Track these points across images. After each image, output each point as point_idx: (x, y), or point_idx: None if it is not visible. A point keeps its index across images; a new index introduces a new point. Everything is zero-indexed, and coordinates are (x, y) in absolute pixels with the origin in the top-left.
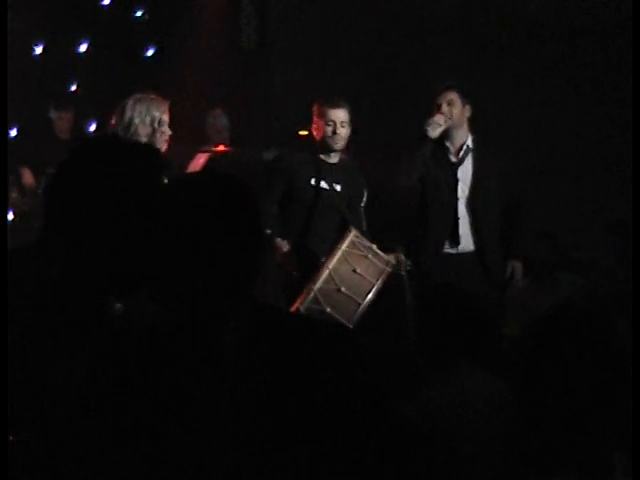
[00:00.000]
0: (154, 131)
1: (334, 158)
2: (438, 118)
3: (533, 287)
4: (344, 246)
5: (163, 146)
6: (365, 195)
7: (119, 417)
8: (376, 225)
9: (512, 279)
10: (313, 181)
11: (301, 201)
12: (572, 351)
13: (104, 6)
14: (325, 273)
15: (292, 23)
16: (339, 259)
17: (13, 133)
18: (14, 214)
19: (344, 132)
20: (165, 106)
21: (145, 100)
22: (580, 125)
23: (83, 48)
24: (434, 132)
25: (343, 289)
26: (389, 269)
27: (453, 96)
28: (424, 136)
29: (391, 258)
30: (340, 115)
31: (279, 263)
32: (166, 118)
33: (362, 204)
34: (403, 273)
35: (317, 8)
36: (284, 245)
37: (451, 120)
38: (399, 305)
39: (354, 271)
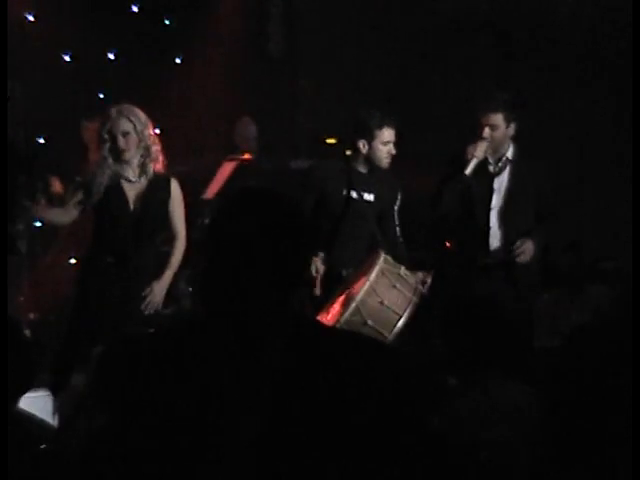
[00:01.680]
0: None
1: (366, 167)
2: (478, 152)
3: (562, 298)
4: (372, 277)
5: (155, 164)
6: (399, 198)
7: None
8: (409, 230)
9: (520, 252)
10: (344, 191)
11: (331, 211)
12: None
13: (132, 14)
14: (352, 306)
15: (320, 31)
16: (367, 291)
17: (41, 141)
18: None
19: (394, 150)
20: (145, 118)
21: (126, 112)
22: (608, 136)
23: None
24: (470, 170)
25: (370, 322)
26: (416, 299)
27: (497, 119)
28: (459, 170)
29: (419, 279)
30: (393, 134)
31: (312, 278)
32: (149, 131)
33: (396, 207)
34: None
35: (345, 16)
36: (317, 263)
37: (492, 143)
38: (427, 316)
39: (381, 303)
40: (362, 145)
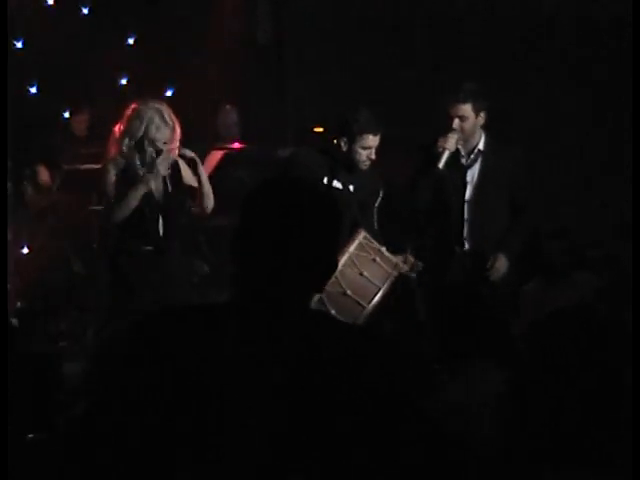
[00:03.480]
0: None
1: (346, 162)
2: (448, 143)
3: (548, 286)
4: (352, 248)
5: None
6: (380, 195)
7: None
8: (388, 225)
9: (493, 271)
10: (326, 180)
11: None
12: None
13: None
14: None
15: (308, 19)
16: (346, 262)
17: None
18: (30, 211)
19: (373, 155)
20: (173, 129)
21: (154, 122)
22: (597, 123)
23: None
24: (442, 163)
25: (349, 292)
26: (396, 273)
27: (466, 110)
28: (431, 163)
29: (399, 260)
30: (377, 140)
31: None
32: (169, 141)
33: (376, 204)
34: (412, 275)
35: (333, 4)
36: None
37: (461, 134)
38: (409, 306)
39: (361, 274)
40: (343, 143)
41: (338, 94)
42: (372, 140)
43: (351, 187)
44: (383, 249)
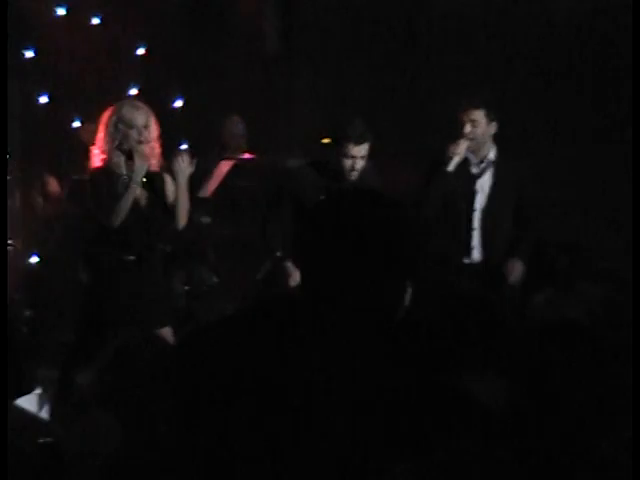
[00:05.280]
0: (139, 142)
1: None
2: (459, 149)
3: (554, 298)
4: None
5: (152, 161)
6: None
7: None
8: None
9: (510, 279)
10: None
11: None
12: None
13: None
14: None
15: (315, 30)
16: None
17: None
18: (39, 220)
19: (361, 165)
20: (148, 114)
21: (128, 108)
22: (603, 135)
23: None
24: (452, 166)
25: None
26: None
27: (478, 115)
28: (441, 167)
29: None
30: (362, 151)
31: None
32: (149, 130)
33: None
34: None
35: (340, 16)
36: (294, 273)
37: (473, 141)
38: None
39: None
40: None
41: (346, 105)
42: (354, 150)
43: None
44: None
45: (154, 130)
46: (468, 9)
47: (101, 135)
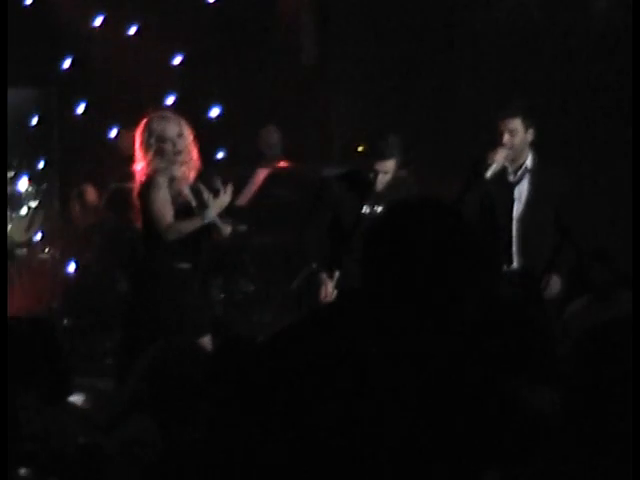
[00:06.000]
0: (175, 153)
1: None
2: (497, 157)
3: (591, 305)
4: None
5: (189, 173)
6: None
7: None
8: None
9: (548, 290)
10: (357, 207)
11: (345, 229)
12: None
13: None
14: None
15: (352, 41)
16: None
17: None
18: (78, 229)
19: (385, 180)
20: (179, 123)
21: (157, 121)
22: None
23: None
24: (490, 173)
25: None
26: None
27: (516, 124)
28: (480, 175)
29: None
30: (385, 166)
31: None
32: (183, 139)
33: None
34: None
35: (377, 26)
36: (329, 284)
37: (512, 149)
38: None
39: None
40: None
41: (382, 113)
42: (378, 164)
43: (379, 209)
44: None
45: (188, 137)
46: (503, 18)
47: (138, 151)
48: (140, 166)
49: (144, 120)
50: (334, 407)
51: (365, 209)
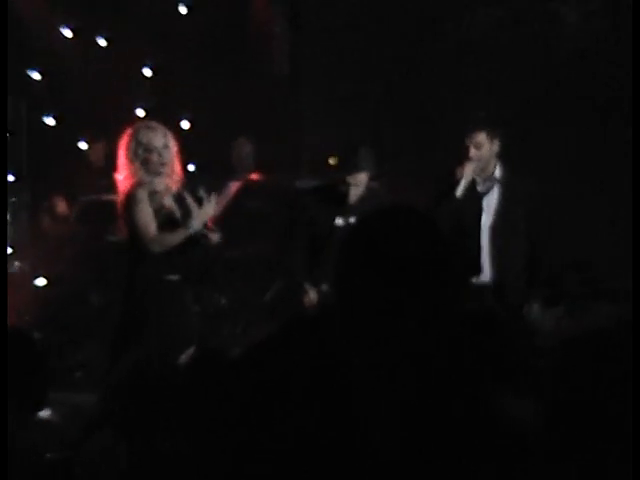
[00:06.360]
0: (161, 164)
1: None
2: (465, 172)
3: (567, 317)
4: None
5: (172, 185)
6: None
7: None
8: None
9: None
10: (330, 218)
11: (319, 241)
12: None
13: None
14: None
15: (324, 51)
16: None
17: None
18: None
19: (358, 192)
20: (165, 134)
21: (144, 131)
22: (614, 152)
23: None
24: (460, 191)
25: None
26: None
27: (481, 138)
28: (450, 189)
29: None
30: (356, 178)
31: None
32: (168, 150)
33: None
34: None
35: (350, 37)
36: (312, 294)
37: (479, 162)
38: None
39: None
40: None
41: (354, 124)
42: (349, 177)
43: (352, 220)
44: None
45: (173, 148)
46: (471, 31)
47: (123, 161)
48: (123, 175)
49: (129, 129)
50: (313, 418)
51: (338, 221)
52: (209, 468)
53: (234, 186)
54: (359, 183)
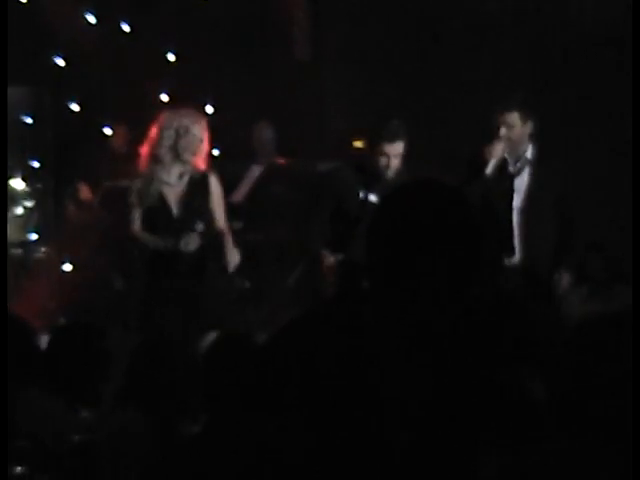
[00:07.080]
0: (194, 153)
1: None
2: (495, 151)
3: (588, 298)
4: None
5: (201, 163)
6: None
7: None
8: None
9: (559, 289)
10: (361, 195)
11: (350, 216)
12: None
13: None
14: None
15: (345, 35)
16: None
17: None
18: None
19: (396, 163)
20: (200, 121)
21: (179, 114)
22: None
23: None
24: (490, 169)
25: None
26: None
27: (513, 118)
28: (479, 170)
29: None
30: (396, 149)
31: (323, 274)
32: (201, 133)
33: None
34: None
35: (371, 20)
36: (329, 257)
37: (509, 142)
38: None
39: None
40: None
41: (377, 108)
42: (389, 147)
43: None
44: None
45: (204, 133)
46: (499, 10)
47: (154, 138)
48: (145, 153)
49: (169, 112)
50: (337, 402)
51: (371, 197)
52: (232, 453)
53: (256, 170)
54: (398, 153)
